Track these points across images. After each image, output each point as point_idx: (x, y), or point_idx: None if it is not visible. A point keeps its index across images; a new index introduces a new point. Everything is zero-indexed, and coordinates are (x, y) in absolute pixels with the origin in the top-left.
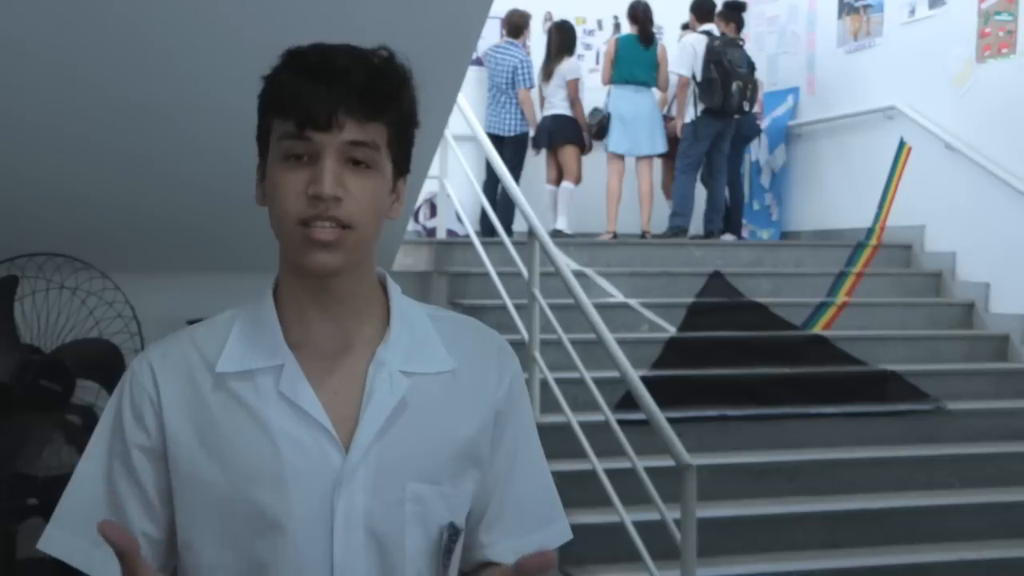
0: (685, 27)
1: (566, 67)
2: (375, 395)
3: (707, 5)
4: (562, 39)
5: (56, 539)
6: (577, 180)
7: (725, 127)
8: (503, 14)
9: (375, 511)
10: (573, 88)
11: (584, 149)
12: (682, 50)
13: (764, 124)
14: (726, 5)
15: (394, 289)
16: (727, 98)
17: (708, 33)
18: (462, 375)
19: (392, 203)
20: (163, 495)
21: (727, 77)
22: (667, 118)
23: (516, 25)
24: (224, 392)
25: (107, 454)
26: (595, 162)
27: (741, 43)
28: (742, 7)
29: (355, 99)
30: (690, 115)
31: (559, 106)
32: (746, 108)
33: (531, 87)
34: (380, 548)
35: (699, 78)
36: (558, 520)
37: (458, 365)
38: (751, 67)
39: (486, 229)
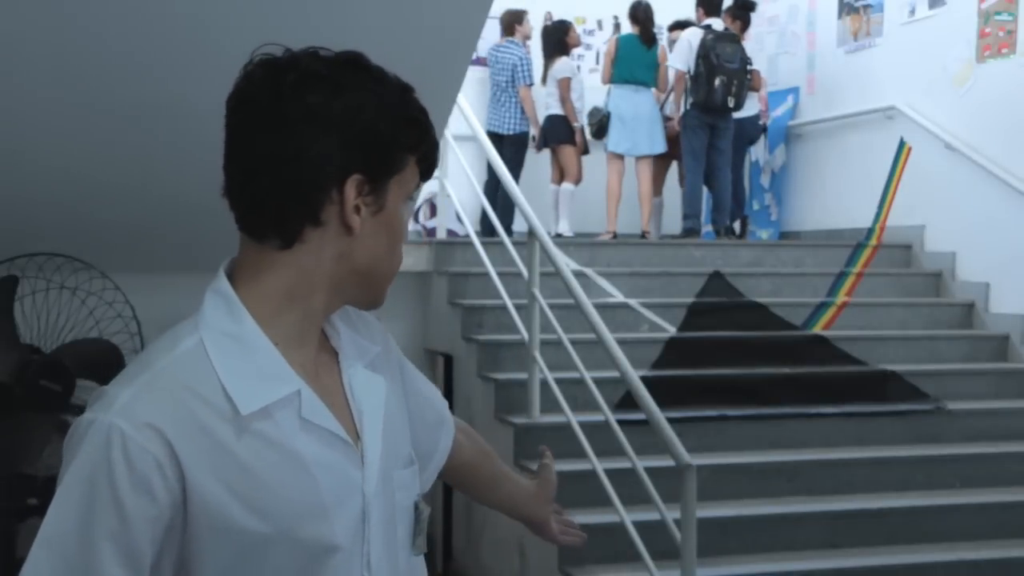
0: (675, 26)
1: (558, 67)
2: (366, 403)
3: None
4: (548, 40)
5: None
6: (577, 180)
7: (717, 121)
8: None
9: (384, 510)
10: (563, 87)
11: (579, 148)
12: (679, 45)
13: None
14: (735, 4)
15: None
16: (710, 93)
17: (707, 27)
18: (382, 353)
19: None
20: (155, 566)
21: (711, 72)
22: (667, 118)
23: (507, 23)
24: (249, 435)
25: (78, 533)
26: (595, 162)
27: (738, 38)
28: (751, 7)
29: None
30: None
31: (554, 107)
32: (730, 104)
33: (531, 84)
34: (389, 546)
35: (692, 72)
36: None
37: (378, 345)
38: (744, 63)
39: (486, 229)
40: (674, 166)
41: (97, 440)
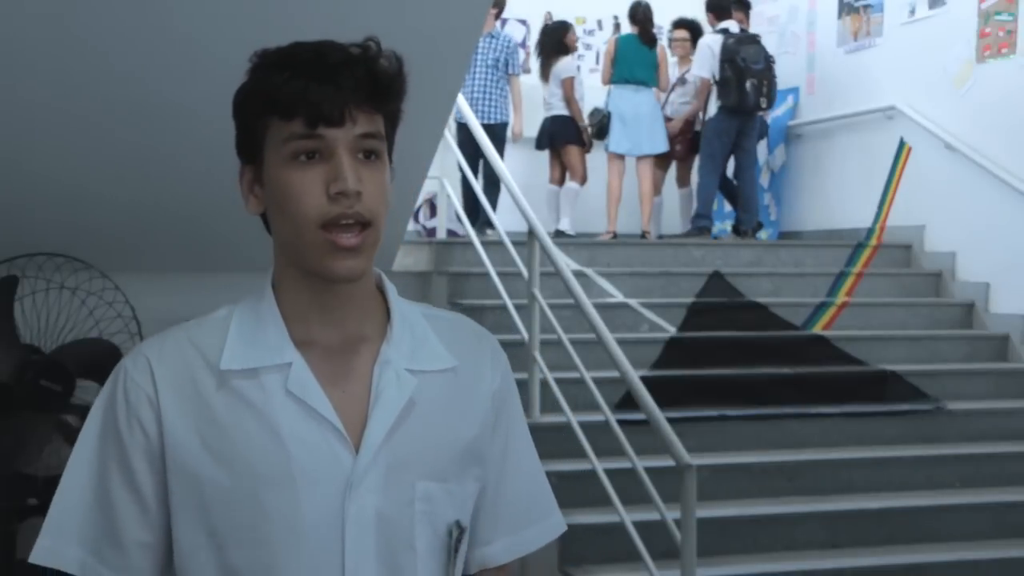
0: (679, 24)
1: (560, 66)
2: (383, 394)
3: (724, 2)
4: (546, 39)
5: (47, 549)
6: (583, 180)
7: (744, 124)
8: None
9: (386, 511)
10: (568, 87)
11: (585, 148)
12: (700, 52)
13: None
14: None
15: (391, 288)
16: (742, 96)
17: (724, 31)
18: (462, 373)
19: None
20: (160, 498)
21: (741, 75)
22: (666, 119)
23: None
24: (228, 391)
25: (97, 459)
26: (595, 162)
27: (757, 39)
28: (747, 6)
29: (364, 92)
30: (711, 113)
31: (557, 107)
32: (763, 105)
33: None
34: (390, 549)
35: (717, 77)
36: (552, 514)
37: (458, 363)
38: (768, 62)
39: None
40: (673, 166)
41: (112, 377)
